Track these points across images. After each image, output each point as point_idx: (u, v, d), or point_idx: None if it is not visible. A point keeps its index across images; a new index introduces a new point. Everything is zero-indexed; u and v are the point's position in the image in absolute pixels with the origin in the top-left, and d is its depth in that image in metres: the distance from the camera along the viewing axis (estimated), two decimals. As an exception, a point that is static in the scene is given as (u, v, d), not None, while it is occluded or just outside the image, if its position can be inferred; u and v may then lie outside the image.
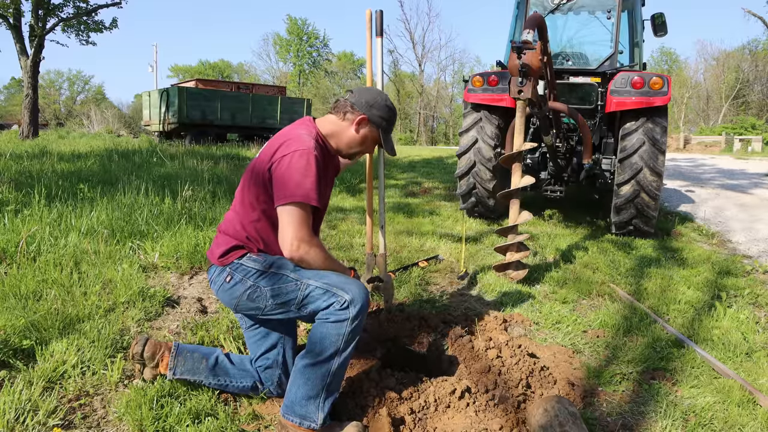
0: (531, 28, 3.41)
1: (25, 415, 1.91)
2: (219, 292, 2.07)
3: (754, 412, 2.21)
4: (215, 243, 2.11)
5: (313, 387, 1.88)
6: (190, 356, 2.13)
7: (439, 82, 49.54)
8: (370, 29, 2.79)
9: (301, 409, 1.89)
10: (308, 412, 1.88)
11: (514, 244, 3.74)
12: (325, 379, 1.89)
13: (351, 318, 1.86)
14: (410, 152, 18.44)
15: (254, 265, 1.98)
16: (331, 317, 1.87)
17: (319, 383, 1.88)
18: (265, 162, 1.98)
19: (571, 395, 2.23)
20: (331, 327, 1.87)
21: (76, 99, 62.69)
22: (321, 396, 1.89)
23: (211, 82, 21.72)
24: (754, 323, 3.13)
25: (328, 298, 1.88)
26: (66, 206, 4.48)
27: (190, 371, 2.11)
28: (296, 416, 1.89)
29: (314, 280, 1.92)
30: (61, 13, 18.34)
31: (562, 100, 5.14)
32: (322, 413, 1.89)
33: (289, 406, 1.90)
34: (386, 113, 2.17)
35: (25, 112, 18.40)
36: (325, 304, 1.88)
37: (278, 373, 2.15)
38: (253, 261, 1.99)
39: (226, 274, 2.01)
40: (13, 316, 2.49)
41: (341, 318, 1.86)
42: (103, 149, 11.67)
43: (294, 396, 1.90)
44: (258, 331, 2.16)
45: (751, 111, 42.45)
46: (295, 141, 1.97)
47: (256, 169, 2.03)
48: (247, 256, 2.01)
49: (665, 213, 6.84)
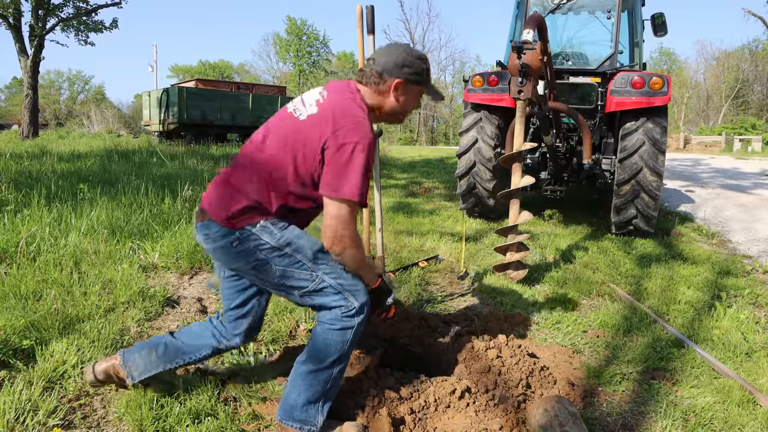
0: (531, 28, 3.41)
1: (25, 415, 1.91)
2: (214, 250, 1.87)
3: (754, 412, 2.21)
4: (221, 196, 1.85)
5: (314, 393, 1.86)
6: (139, 356, 2.03)
7: (439, 82, 49.53)
8: (361, 26, 2.79)
9: (301, 414, 1.87)
10: (308, 417, 1.87)
11: (514, 244, 3.74)
12: (327, 384, 1.87)
13: (356, 325, 1.85)
14: (410, 152, 18.45)
15: (269, 239, 1.81)
16: (336, 324, 1.83)
17: (321, 389, 1.87)
18: (316, 139, 1.79)
19: (571, 395, 2.23)
20: (337, 335, 1.84)
21: (76, 99, 62.68)
22: (321, 400, 1.88)
23: (211, 82, 21.72)
24: (754, 323, 3.13)
25: (339, 300, 1.84)
26: (66, 206, 4.48)
27: (146, 369, 2.02)
28: (296, 421, 1.87)
29: (330, 277, 1.83)
30: (61, 13, 18.35)
31: (562, 100, 5.13)
32: (321, 416, 1.89)
33: (288, 411, 1.88)
34: (419, 66, 1.96)
35: (25, 112, 18.41)
36: (333, 305, 1.84)
37: (248, 324, 2.07)
38: (269, 234, 1.81)
39: (234, 238, 1.81)
40: (13, 316, 2.49)
41: (347, 326, 1.83)
42: (103, 149, 11.67)
43: (294, 401, 1.87)
44: (238, 283, 2.03)
45: (751, 111, 42.46)
46: (358, 127, 1.79)
47: (305, 140, 1.82)
48: (261, 224, 1.81)
49: (665, 213, 6.84)
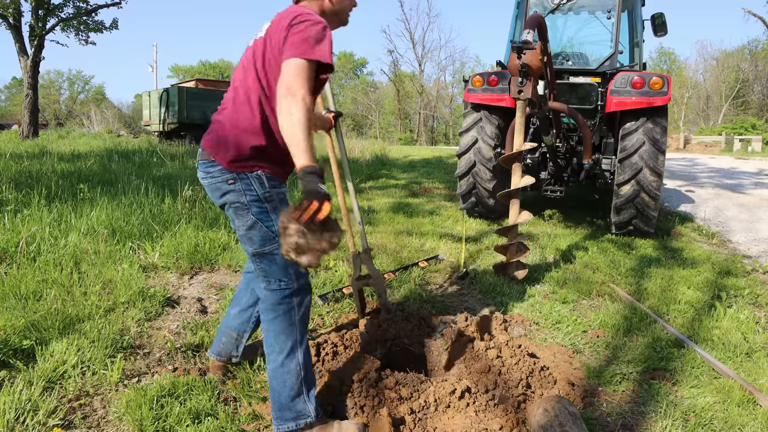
0: (531, 28, 3.41)
1: (25, 415, 1.91)
2: (210, 186, 1.95)
3: (754, 412, 2.21)
4: (222, 139, 1.92)
5: (292, 386, 1.89)
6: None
7: (439, 82, 49.55)
8: None
9: (290, 412, 1.89)
10: (299, 410, 1.89)
11: (514, 244, 3.74)
12: (299, 372, 1.90)
13: (297, 306, 1.91)
14: (410, 152, 18.44)
15: (258, 189, 1.89)
16: (278, 309, 1.89)
17: (296, 379, 1.89)
18: (277, 39, 1.84)
19: (571, 395, 2.23)
20: (283, 320, 1.90)
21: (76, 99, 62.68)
22: (303, 390, 1.90)
23: (211, 82, 21.73)
24: (754, 323, 3.13)
25: (282, 275, 1.89)
26: (66, 206, 4.48)
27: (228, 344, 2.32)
28: (290, 421, 1.89)
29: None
30: (61, 13, 18.35)
31: (562, 100, 5.13)
32: (311, 404, 1.90)
33: (279, 415, 1.90)
34: None
35: (25, 112, 18.41)
36: (275, 276, 1.90)
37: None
38: (260, 184, 1.90)
39: (230, 177, 1.89)
40: (13, 316, 2.49)
41: (289, 307, 1.90)
42: (103, 149, 11.68)
43: (279, 403, 1.89)
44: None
45: (751, 111, 42.44)
46: (309, 15, 1.86)
47: (265, 48, 1.88)
48: (257, 174, 1.89)
49: (665, 213, 6.84)
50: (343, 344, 2.49)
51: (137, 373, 2.32)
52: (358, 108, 52.06)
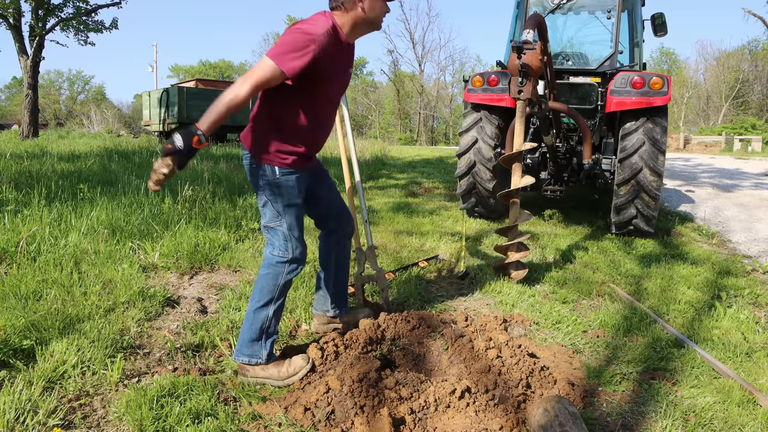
0: (531, 28, 3.41)
1: (25, 415, 1.91)
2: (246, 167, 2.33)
3: (754, 412, 2.21)
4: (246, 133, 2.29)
5: (255, 331, 2.29)
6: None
7: (439, 82, 49.55)
8: None
9: (248, 349, 2.29)
10: (254, 351, 2.29)
11: (514, 244, 3.74)
12: (265, 322, 2.30)
13: (285, 273, 2.31)
14: (410, 152, 18.45)
15: (270, 176, 2.24)
16: (271, 269, 2.30)
17: (260, 326, 2.29)
18: None
19: (571, 395, 2.23)
20: (270, 278, 2.30)
21: (76, 99, 62.68)
22: (263, 338, 2.30)
23: (211, 82, 21.73)
24: (754, 323, 3.13)
25: (283, 247, 2.30)
26: (66, 206, 4.48)
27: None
28: (245, 356, 2.29)
29: (285, 227, 2.29)
30: (61, 13, 18.35)
31: (562, 100, 5.13)
32: (265, 350, 2.30)
33: (239, 349, 2.30)
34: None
35: (25, 112, 18.41)
36: (277, 245, 2.31)
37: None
38: (272, 172, 2.24)
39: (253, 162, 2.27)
40: (13, 316, 2.49)
41: (279, 271, 2.30)
42: (103, 149, 11.68)
43: (242, 339, 2.30)
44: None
45: (751, 111, 42.45)
46: (307, 20, 2.14)
47: None
48: (272, 164, 2.24)
49: (665, 213, 6.84)
50: (344, 344, 2.49)
51: (137, 373, 2.32)
52: (358, 108, 52.03)
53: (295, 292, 3.25)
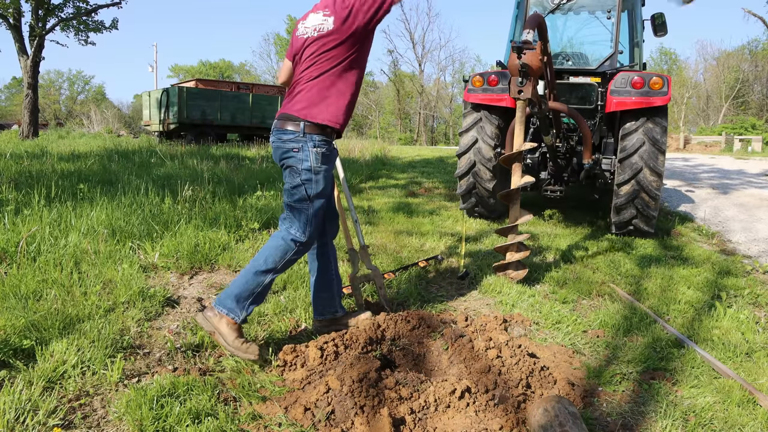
0: (531, 28, 3.41)
1: (25, 415, 1.91)
2: (278, 149, 2.45)
3: (754, 412, 2.21)
4: (312, 105, 2.40)
5: (246, 290, 2.38)
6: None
7: (439, 82, 49.57)
8: None
9: (230, 303, 2.37)
10: (234, 308, 2.37)
11: (514, 244, 3.74)
12: (258, 287, 2.39)
13: (293, 252, 2.45)
14: (410, 152, 18.45)
15: (313, 161, 2.39)
16: (282, 243, 2.43)
17: (252, 288, 2.38)
18: (341, 20, 2.36)
19: (571, 395, 2.23)
20: (280, 249, 2.42)
21: (76, 99, 62.67)
22: (249, 299, 2.39)
23: (211, 82, 21.72)
24: (754, 323, 3.13)
25: (301, 226, 2.45)
26: (66, 206, 4.48)
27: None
28: (224, 308, 2.37)
29: (311, 212, 2.44)
30: (61, 13, 18.35)
31: (562, 100, 5.13)
32: (244, 312, 2.39)
33: (222, 300, 2.38)
34: None
35: (25, 112, 18.42)
36: (296, 226, 2.45)
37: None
38: (315, 157, 2.39)
39: (297, 146, 2.39)
40: (13, 316, 2.49)
41: (289, 247, 2.44)
42: (103, 149, 11.68)
43: (228, 292, 2.38)
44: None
45: (751, 111, 42.45)
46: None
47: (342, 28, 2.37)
48: (317, 150, 2.38)
49: (665, 213, 6.84)
50: (344, 344, 2.49)
51: (137, 373, 2.32)
52: (358, 108, 52.02)
53: (295, 292, 3.25)
